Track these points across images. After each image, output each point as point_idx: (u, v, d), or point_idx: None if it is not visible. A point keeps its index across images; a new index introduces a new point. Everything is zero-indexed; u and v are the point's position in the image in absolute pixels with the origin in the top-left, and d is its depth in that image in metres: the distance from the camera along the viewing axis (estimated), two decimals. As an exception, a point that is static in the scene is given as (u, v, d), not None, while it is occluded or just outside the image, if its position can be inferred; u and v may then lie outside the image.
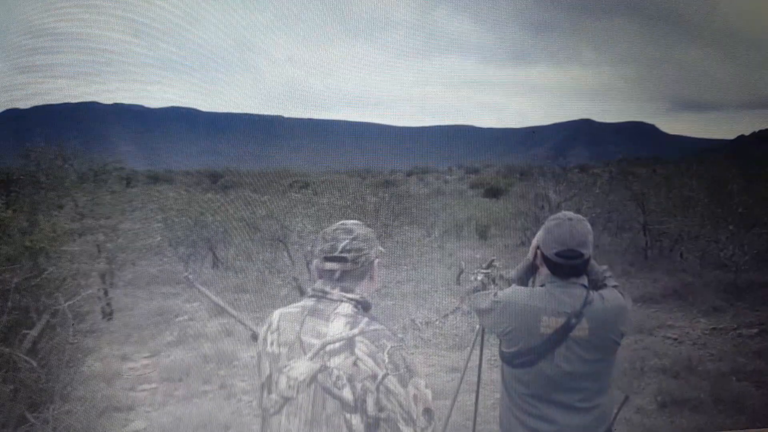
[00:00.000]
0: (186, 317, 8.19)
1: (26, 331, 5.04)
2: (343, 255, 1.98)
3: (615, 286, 2.53)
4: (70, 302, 5.37)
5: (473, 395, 3.54)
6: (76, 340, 5.45)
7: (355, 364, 1.83)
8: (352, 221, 2.08)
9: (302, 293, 8.44)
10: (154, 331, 7.77)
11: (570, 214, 2.47)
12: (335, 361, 1.84)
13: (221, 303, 2.22)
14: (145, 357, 7.14)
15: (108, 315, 8.17)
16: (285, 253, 10.31)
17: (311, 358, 1.86)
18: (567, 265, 2.39)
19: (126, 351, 7.21)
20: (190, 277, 2.42)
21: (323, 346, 1.86)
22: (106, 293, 8.29)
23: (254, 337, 2.11)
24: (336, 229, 2.03)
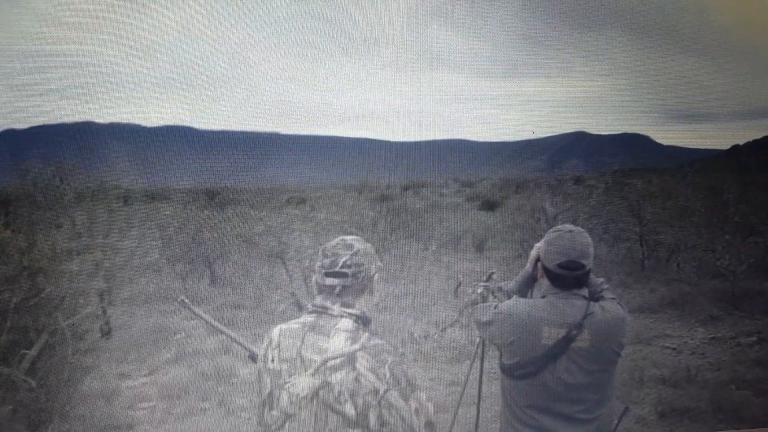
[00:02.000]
0: (184, 334, 8.16)
1: (25, 351, 5.04)
2: (344, 270, 1.99)
3: (612, 299, 2.55)
4: (69, 321, 5.37)
5: (473, 408, 3.54)
6: (74, 359, 5.44)
7: (356, 379, 1.84)
8: (351, 236, 2.09)
9: (300, 308, 8.44)
10: (152, 349, 7.74)
11: (570, 226, 2.50)
12: (337, 377, 1.85)
13: (218, 325, 2.20)
14: (144, 375, 7.11)
15: (106, 333, 8.14)
16: (282, 269, 10.30)
17: (312, 374, 1.87)
18: (569, 276, 2.41)
19: (124, 369, 7.18)
20: (186, 300, 2.40)
21: (324, 362, 1.86)
22: (104, 312, 8.27)
23: (252, 357, 2.10)
24: (336, 245, 2.04)
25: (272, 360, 1.97)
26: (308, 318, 2.01)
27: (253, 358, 2.20)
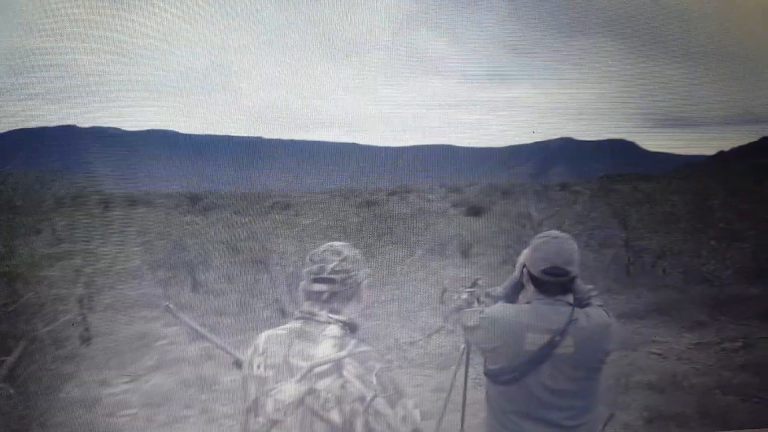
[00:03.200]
0: (166, 341, 8.09)
1: (4, 358, 4.97)
2: (332, 276, 1.97)
3: (599, 306, 2.54)
4: (49, 328, 5.31)
5: (459, 415, 3.52)
6: (54, 366, 5.37)
7: (343, 386, 1.81)
8: (340, 243, 2.08)
9: (284, 315, 8.38)
10: (133, 356, 7.66)
11: (556, 232, 2.50)
12: (323, 384, 1.81)
13: (204, 332, 2.17)
14: (125, 382, 7.03)
15: (86, 340, 8.04)
16: (266, 275, 10.23)
17: (299, 381, 1.83)
18: (553, 282, 2.41)
19: (105, 376, 7.09)
20: (171, 306, 2.36)
21: (311, 369, 1.83)
22: (84, 318, 8.18)
23: (237, 364, 2.09)
24: (324, 251, 2.02)
25: (258, 366, 1.94)
26: (295, 324, 1.99)
27: (238, 365, 2.16)
